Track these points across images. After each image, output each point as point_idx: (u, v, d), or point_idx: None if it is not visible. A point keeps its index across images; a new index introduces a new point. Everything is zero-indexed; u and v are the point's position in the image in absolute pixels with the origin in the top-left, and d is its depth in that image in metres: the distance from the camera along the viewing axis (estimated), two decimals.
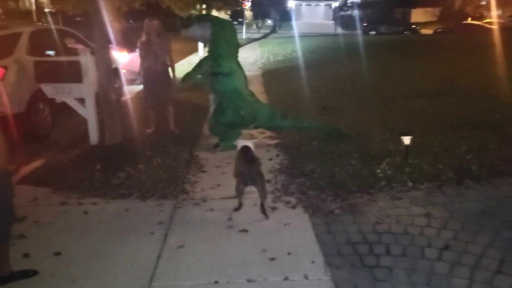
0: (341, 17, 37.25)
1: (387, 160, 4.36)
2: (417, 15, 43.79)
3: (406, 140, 4.29)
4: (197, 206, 3.59)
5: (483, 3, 37.40)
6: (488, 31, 24.21)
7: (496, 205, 3.42)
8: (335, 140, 5.08)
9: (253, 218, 3.35)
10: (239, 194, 3.48)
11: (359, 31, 29.77)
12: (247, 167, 3.41)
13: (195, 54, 14.96)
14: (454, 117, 5.83)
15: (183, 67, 12.27)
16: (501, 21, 30.84)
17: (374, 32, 29.85)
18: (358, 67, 11.17)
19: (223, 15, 17.00)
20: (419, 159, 4.36)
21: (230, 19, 5.26)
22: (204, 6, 14.13)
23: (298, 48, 17.22)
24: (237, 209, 3.50)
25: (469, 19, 32.50)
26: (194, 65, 5.26)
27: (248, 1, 21.96)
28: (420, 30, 31.46)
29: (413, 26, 32.80)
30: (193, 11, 14.41)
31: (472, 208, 3.39)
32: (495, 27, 25.87)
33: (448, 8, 41.25)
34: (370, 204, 3.57)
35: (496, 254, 2.75)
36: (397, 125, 5.53)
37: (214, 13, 18.49)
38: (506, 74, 8.90)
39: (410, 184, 3.88)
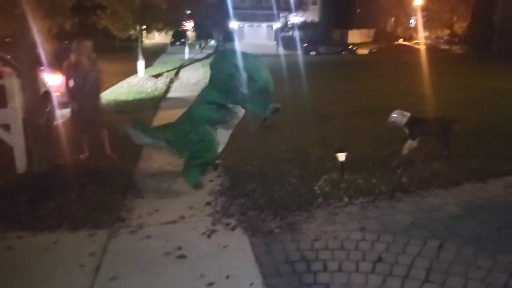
0: (283, 38, 38.35)
1: (325, 176, 4.47)
2: (354, 36, 46.26)
3: (341, 156, 4.45)
4: (133, 234, 3.46)
5: (412, 25, 40.27)
6: (417, 51, 26.08)
7: (424, 216, 3.60)
8: (275, 159, 5.14)
9: (192, 243, 3.28)
10: None
11: (299, 52, 30.78)
12: None
13: (134, 75, 14.65)
14: (386, 133, 6.13)
15: (122, 88, 12.00)
16: (428, 41, 33.36)
17: (314, 52, 30.99)
18: (299, 86, 11.49)
19: (161, 36, 16.87)
20: (355, 174, 4.52)
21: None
22: (144, 27, 13.94)
23: None
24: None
25: (400, 40, 34.73)
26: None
27: (188, 22, 21.95)
28: (356, 51, 33.14)
29: (350, 47, 34.51)
30: (132, 32, 14.19)
31: (403, 220, 3.55)
32: (423, 47, 27.89)
33: (381, 29, 43.96)
34: (308, 221, 3.62)
35: (424, 263, 2.88)
36: (335, 142, 5.71)
37: (155, 34, 18.34)
38: (432, 91, 9.59)
39: (346, 199, 4.00)
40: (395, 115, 5.09)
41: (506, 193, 4.00)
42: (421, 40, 32.25)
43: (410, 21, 40.88)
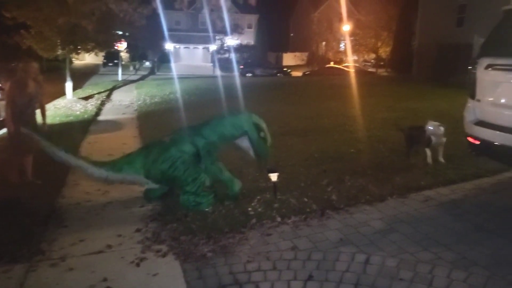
0: (219, 60, 38.76)
1: (258, 197, 4.51)
2: (288, 59, 47.99)
3: (273, 177, 4.52)
4: (54, 267, 3.22)
5: (342, 49, 42.65)
6: (346, 74, 27.62)
7: (352, 232, 3.74)
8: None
9: (119, 273, 3.12)
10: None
11: (236, 73, 31.24)
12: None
13: (62, 97, 13.95)
14: (317, 152, 6.36)
15: (48, 111, 11.32)
16: (357, 65, 35.47)
17: (250, 74, 31.61)
18: (234, 107, 11.58)
19: (93, 56, 16.25)
20: (287, 194, 4.61)
21: None
22: (71, 47, 13.36)
23: (176, 89, 17.29)
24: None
25: (331, 63, 36.56)
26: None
27: (121, 43, 21.43)
28: (291, 73, 34.32)
29: (285, 69, 35.67)
30: (60, 52, 13.55)
31: (333, 237, 3.66)
32: (352, 70, 29.58)
33: (314, 53, 46.02)
34: (241, 243, 3.60)
35: (352, 279, 2.98)
36: (268, 163, 5.78)
37: (86, 55, 17.68)
38: (360, 112, 10.14)
39: (279, 219, 4.04)
40: (432, 128, 5.38)
41: (424, 206, 4.28)
42: (350, 63, 34.19)
43: (340, 45, 43.28)
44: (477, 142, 4.37)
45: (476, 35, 14.38)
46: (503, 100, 4.13)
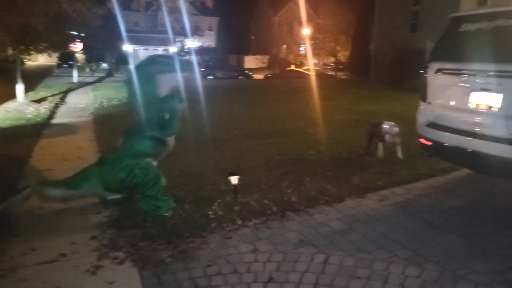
0: None
1: (219, 200, 4.49)
2: (250, 62, 48.19)
3: (234, 180, 4.51)
4: (3, 279, 3.04)
5: (302, 52, 43.35)
6: (307, 77, 28.11)
7: (312, 233, 3.80)
8: (169, 185, 5.00)
9: (74, 283, 3.00)
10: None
11: (197, 75, 30.92)
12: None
13: (12, 100, 13.27)
14: (278, 154, 6.42)
15: None
16: (317, 68, 36.16)
17: (211, 77, 31.45)
18: (195, 110, 11.47)
19: (46, 57, 15.54)
20: (248, 196, 4.61)
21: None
22: (22, 47, 12.74)
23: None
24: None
25: (292, 66, 37.05)
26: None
27: (75, 43, 20.72)
28: (252, 75, 34.46)
29: (246, 72, 35.78)
30: (11, 52, 12.89)
31: (293, 238, 3.69)
32: (312, 73, 30.14)
33: (275, 56, 46.50)
34: (202, 247, 3.56)
35: (311, 279, 3.02)
36: (229, 165, 5.78)
37: (39, 56, 16.95)
38: (320, 114, 10.34)
39: (239, 222, 4.04)
40: (387, 126, 5.90)
41: (381, 206, 4.42)
42: (310, 66, 34.80)
43: (300, 49, 43.97)
44: (429, 143, 4.56)
45: (428, 40, 15.02)
46: (451, 103, 4.35)
